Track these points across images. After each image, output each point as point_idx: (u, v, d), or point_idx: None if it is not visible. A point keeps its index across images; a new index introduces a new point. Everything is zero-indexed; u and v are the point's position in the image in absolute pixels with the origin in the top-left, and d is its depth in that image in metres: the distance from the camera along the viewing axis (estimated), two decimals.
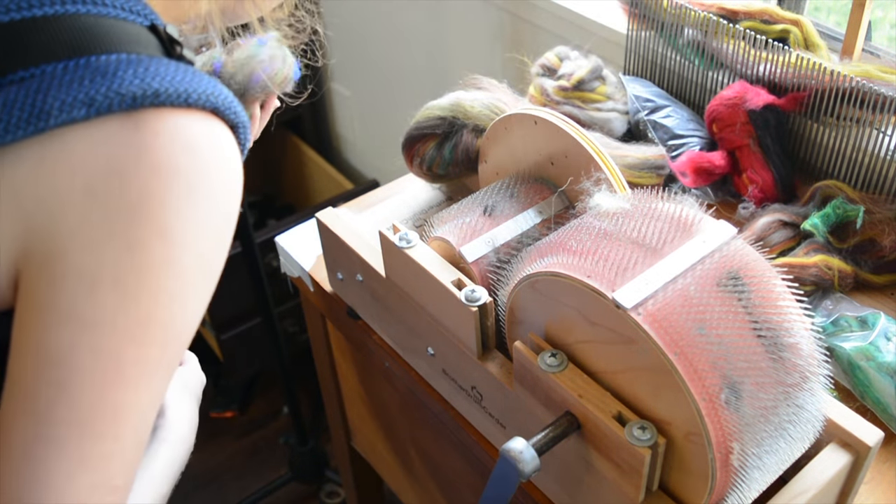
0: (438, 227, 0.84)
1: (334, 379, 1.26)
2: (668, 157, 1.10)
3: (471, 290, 0.76)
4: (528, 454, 0.63)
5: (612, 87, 1.20)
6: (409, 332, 0.89)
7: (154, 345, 0.49)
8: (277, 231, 1.70)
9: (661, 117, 1.16)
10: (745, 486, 0.64)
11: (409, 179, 1.17)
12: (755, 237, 1.00)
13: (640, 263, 0.64)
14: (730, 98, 1.10)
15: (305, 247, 1.09)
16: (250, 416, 2.24)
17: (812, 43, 1.11)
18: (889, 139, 1.01)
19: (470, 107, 1.03)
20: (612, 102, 1.19)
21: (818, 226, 0.99)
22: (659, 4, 1.20)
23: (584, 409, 0.66)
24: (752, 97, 1.09)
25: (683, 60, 1.21)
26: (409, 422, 1.09)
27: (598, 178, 0.80)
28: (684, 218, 0.68)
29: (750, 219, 1.05)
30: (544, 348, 0.70)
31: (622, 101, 1.20)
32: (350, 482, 1.47)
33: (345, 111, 2.36)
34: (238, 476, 2.09)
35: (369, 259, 0.88)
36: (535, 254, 0.72)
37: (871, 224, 1.00)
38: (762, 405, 0.62)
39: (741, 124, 1.09)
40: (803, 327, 0.65)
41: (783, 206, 1.04)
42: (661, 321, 0.60)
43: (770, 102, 1.09)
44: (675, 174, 1.09)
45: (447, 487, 1.09)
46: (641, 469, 0.63)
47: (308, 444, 1.93)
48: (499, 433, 0.83)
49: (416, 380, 0.93)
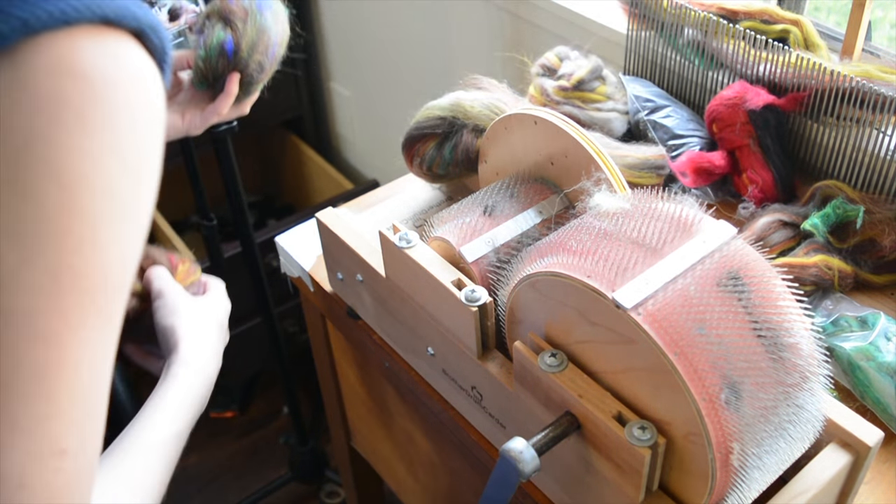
0: (438, 227, 0.84)
1: (334, 379, 1.26)
2: (668, 158, 1.10)
3: (471, 290, 0.76)
4: (528, 454, 0.63)
5: (612, 87, 1.20)
6: (409, 332, 0.89)
7: (72, 294, 0.45)
8: (277, 231, 1.70)
9: (661, 117, 1.16)
10: (745, 486, 0.64)
11: (409, 179, 1.17)
12: (755, 237, 1.00)
13: (640, 263, 0.64)
14: (730, 98, 1.10)
15: (305, 247, 1.09)
16: (250, 416, 2.24)
17: (812, 43, 1.11)
18: (889, 139, 1.01)
19: (470, 107, 1.03)
20: (612, 102, 1.19)
21: (818, 226, 0.99)
22: (659, 4, 1.20)
23: (584, 409, 0.66)
24: (752, 97, 1.09)
25: (683, 60, 1.21)
26: (409, 422, 1.09)
27: (598, 178, 0.80)
28: (684, 218, 0.68)
29: (750, 219, 1.05)
30: (544, 348, 0.70)
31: (622, 101, 1.20)
32: (350, 482, 1.47)
33: (345, 111, 2.36)
34: (238, 476, 2.09)
35: (369, 259, 0.88)
36: (535, 254, 0.72)
37: (871, 224, 1.00)
38: (762, 405, 0.62)
39: (741, 124, 1.09)
40: (803, 327, 0.65)
41: (783, 206, 1.04)
42: (661, 321, 0.60)
43: (770, 102, 1.09)
44: (675, 174, 1.09)
45: (447, 487, 1.09)
46: (641, 469, 0.63)
47: (308, 444, 1.93)
48: (499, 433, 0.83)
49: (416, 380, 0.93)
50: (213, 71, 0.91)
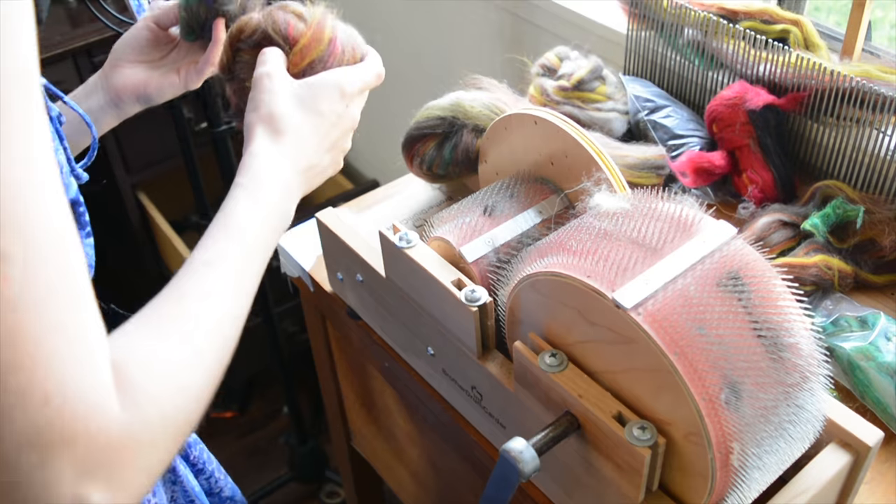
0: (438, 227, 0.84)
1: (334, 379, 1.26)
2: (668, 158, 1.10)
3: (471, 290, 0.76)
4: (528, 454, 0.63)
5: (612, 87, 1.20)
6: (409, 332, 0.89)
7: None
8: None
9: (661, 117, 1.16)
10: (745, 486, 0.64)
11: (409, 179, 1.17)
12: (755, 237, 1.00)
13: (640, 263, 0.64)
14: (730, 98, 1.10)
15: (305, 247, 1.09)
16: (250, 416, 2.24)
17: (812, 43, 1.11)
18: (889, 139, 1.01)
19: (470, 107, 1.03)
20: (612, 102, 1.19)
21: (818, 226, 0.99)
22: (659, 4, 1.20)
23: (584, 409, 0.66)
24: (752, 97, 1.09)
25: (683, 60, 1.21)
26: (409, 422, 1.09)
27: (598, 178, 0.80)
28: (684, 218, 0.68)
29: (750, 219, 1.05)
30: (544, 348, 0.70)
31: (622, 101, 1.20)
32: (350, 482, 1.47)
33: None
34: (238, 476, 2.09)
35: (369, 259, 0.88)
36: (535, 254, 0.72)
37: (871, 224, 1.00)
38: (762, 405, 0.62)
39: (741, 124, 1.09)
40: (803, 327, 0.65)
41: (783, 206, 1.04)
42: (661, 321, 0.60)
43: (770, 102, 1.09)
44: (674, 174, 1.09)
45: (447, 487, 1.09)
46: (641, 469, 0.63)
47: (308, 444, 1.93)
48: (499, 433, 0.82)
49: (416, 380, 0.93)
50: (196, 19, 0.89)
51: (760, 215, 1.03)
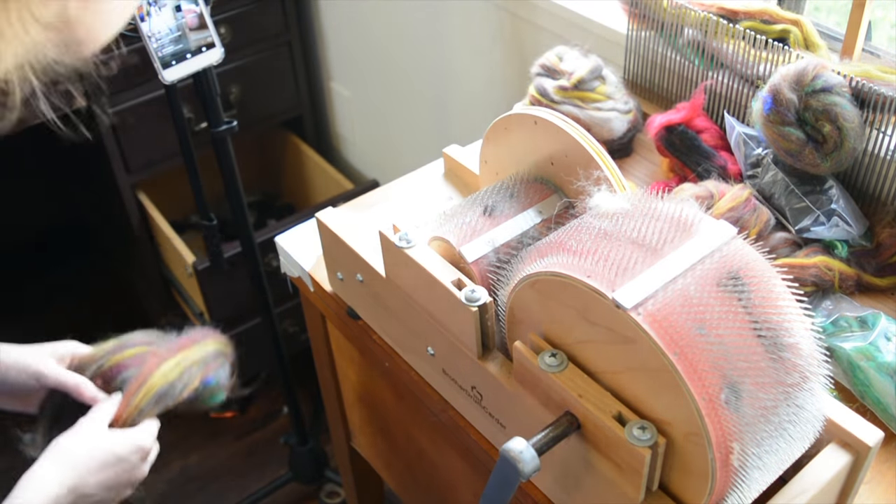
0: (438, 227, 0.84)
1: (334, 379, 1.26)
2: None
3: (471, 290, 0.76)
4: (528, 454, 0.63)
5: (612, 87, 1.20)
6: (409, 332, 0.89)
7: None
8: (277, 231, 1.70)
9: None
10: (745, 486, 0.64)
11: (410, 179, 1.17)
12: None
13: (639, 263, 0.64)
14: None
15: (305, 247, 1.09)
16: (250, 416, 2.24)
17: (812, 43, 1.11)
18: (889, 139, 1.01)
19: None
20: (612, 102, 1.19)
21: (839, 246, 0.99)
22: (659, 4, 1.20)
23: (584, 409, 0.66)
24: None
25: (683, 60, 1.21)
26: (409, 422, 1.09)
27: (598, 177, 0.80)
28: (684, 218, 0.68)
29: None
30: (544, 348, 0.70)
31: (622, 100, 1.20)
32: (350, 482, 1.47)
33: (345, 111, 2.35)
34: (238, 476, 2.09)
35: (369, 259, 0.88)
36: (535, 254, 0.72)
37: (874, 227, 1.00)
38: (762, 405, 0.62)
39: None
40: (803, 327, 0.65)
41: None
42: (661, 321, 0.60)
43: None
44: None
45: (447, 487, 1.09)
46: (641, 469, 0.63)
47: (308, 444, 1.93)
48: (499, 433, 0.83)
49: (416, 380, 0.93)
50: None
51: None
